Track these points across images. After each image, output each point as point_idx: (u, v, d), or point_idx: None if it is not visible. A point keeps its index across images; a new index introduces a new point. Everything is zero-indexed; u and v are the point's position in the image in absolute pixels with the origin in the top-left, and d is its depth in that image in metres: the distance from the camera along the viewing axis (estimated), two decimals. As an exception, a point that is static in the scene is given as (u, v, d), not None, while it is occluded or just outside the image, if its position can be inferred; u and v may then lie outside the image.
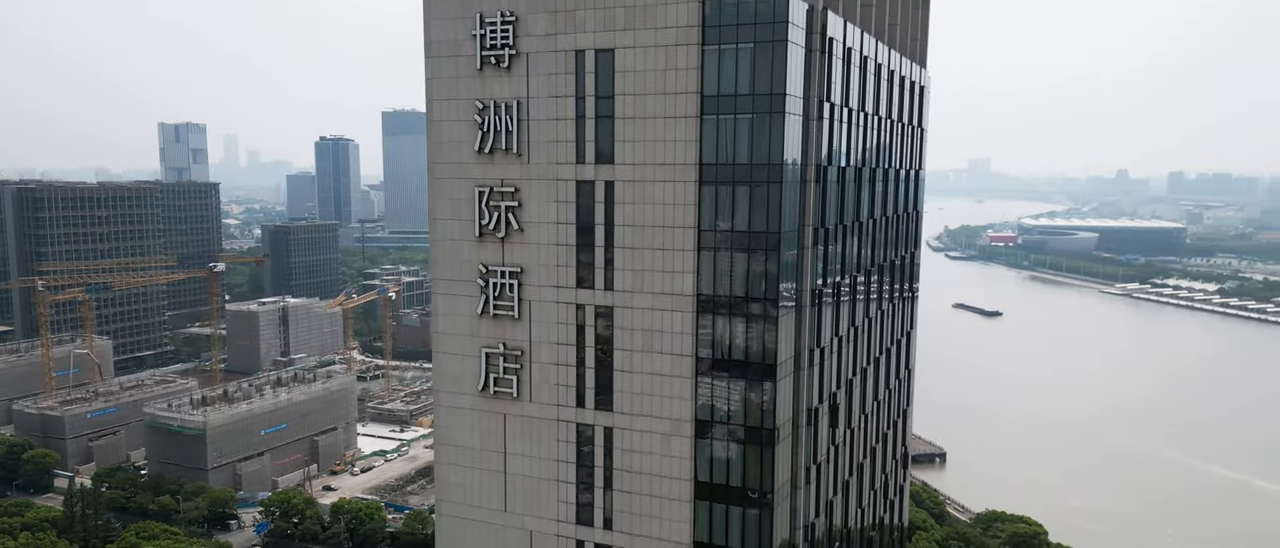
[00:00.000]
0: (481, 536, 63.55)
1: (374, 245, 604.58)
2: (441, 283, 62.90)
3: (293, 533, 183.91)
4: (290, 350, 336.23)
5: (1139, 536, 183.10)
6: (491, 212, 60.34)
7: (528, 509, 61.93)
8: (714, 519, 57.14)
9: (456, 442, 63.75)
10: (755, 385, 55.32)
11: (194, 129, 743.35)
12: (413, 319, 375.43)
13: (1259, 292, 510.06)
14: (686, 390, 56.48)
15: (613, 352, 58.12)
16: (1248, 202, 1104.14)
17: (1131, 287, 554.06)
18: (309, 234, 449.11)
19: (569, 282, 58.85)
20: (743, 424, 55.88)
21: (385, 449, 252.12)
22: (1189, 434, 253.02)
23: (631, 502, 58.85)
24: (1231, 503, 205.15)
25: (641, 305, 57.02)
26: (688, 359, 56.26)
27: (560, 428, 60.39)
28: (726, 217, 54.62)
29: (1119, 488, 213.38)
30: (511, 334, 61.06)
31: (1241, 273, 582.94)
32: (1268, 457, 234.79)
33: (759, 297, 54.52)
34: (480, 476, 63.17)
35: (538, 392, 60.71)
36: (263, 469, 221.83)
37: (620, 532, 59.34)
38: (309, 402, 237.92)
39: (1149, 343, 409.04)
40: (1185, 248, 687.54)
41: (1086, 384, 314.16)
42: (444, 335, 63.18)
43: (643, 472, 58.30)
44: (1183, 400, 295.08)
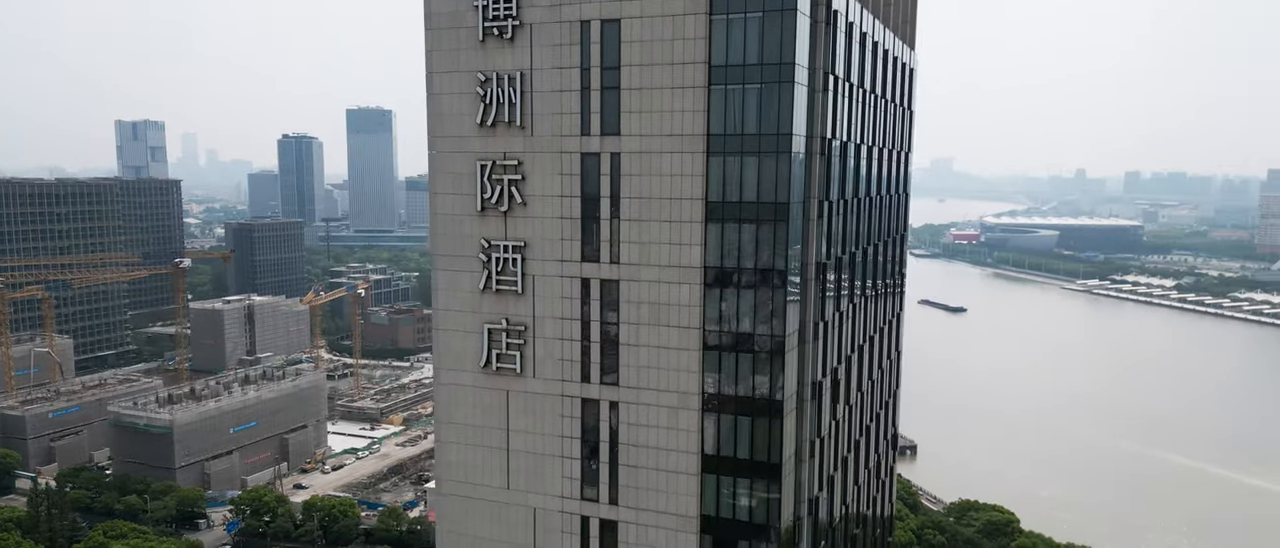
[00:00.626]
0: (483, 514, 62.80)
1: (339, 244, 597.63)
2: (442, 259, 62.03)
3: (264, 531, 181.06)
4: (256, 349, 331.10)
5: (1106, 524, 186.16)
6: (494, 185, 59.65)
7: (531, 486, 61.30)
8: (721, 492, 56.95)
9: (457, 420, 62.97)
10: (763, 358, 55.23)
11: (152, 126, 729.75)
12: (381, 317, 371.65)
13: (1215, 288, 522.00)
14: (694, 363, 56.24)
15: (619, 326, 57.70)
16: (1202, 201, 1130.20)
17: (1092, 283, 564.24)
18: (274, 232, 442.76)
19: (574, 256, 58.35)
20: (751, 396, 55.74)
21: (356, 447, 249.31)
22: (1150, 426, 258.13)
23: (638, 476, 58.49)
24: (1190, 490, 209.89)
25: (648, 279, 56.67)
26: (695, 332, 56.01)
27: (565, 404, 59.84)
28: (734, 188, 54.47)
29: (1085, 478, 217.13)
30: (514, 310, 60.39)
31: (1198, 269, 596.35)
32: (1223, 446, 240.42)
33: (768, 268, 54.43)
34: (482, 453, 62.43)
35: (542, 367, 60.12)
36: (232, 468, 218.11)
37: (626, 506, 58.93)
38: (279, 399, 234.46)
39: (1110, 338, 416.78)
40: (1142, 245, 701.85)
41: (1051, 378, 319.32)
42: (444, 312, 62.35)
43: (649, 446, 57.94)
44: (1143, 393, 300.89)
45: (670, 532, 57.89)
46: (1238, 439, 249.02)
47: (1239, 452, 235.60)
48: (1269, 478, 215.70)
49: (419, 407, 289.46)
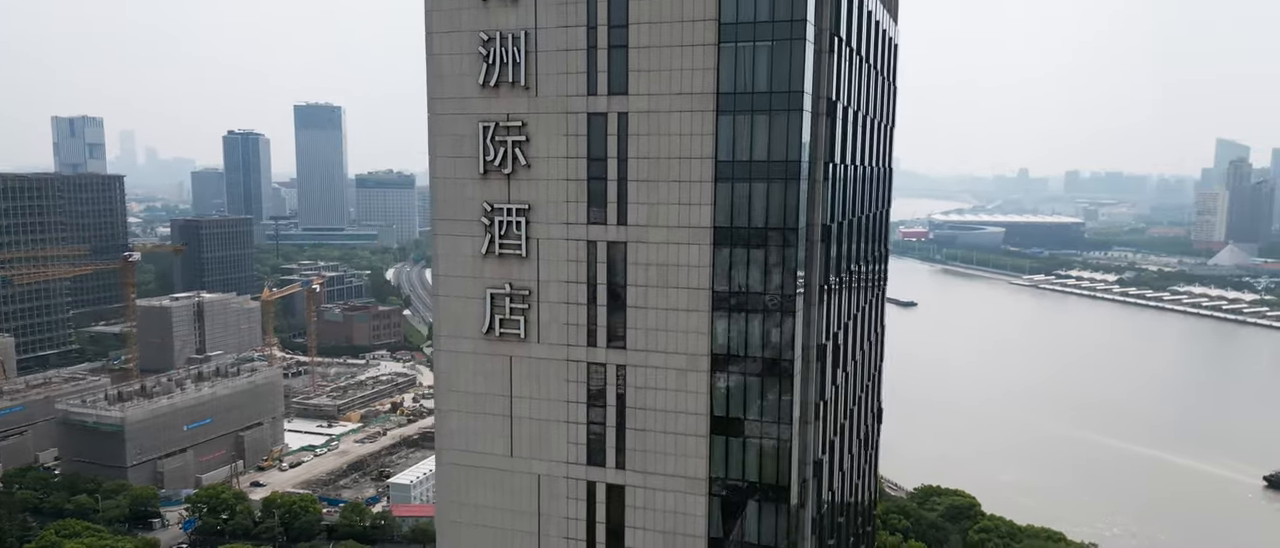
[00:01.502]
0: (486, 482, 61.78)
1: (288, 243, 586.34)
2: (442, 223, 60.86)
3: (222, 529, 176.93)
4: (206, 348, 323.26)
5: (1062, 507, 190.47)
6: (496, 147, 58.73)
7: (536, 453, 60.45)
8: (730, 454, 56.75)
9: (458, 387, 61.84)
10: (773, 318, 55.15)
11: (90, 123, 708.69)
12: (335, 314, 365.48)
13: (1155, 281, 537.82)
14: (703, 325, 55.96)
15: (626, 288, 57.18)
16: (1139, 199, 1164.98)
17: (1037, 278, 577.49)
18: (222, 229, 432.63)
19: (580, 218, 57.67)
20: (760, 357, 55.62)
21: (314, 444, 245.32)
22: (1099, 414, 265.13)
23: (645, 440, 58.03)
24: (1138, 474, 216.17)
25: (656, 240, 56.25)
26: (704, 293, 55.74)
27: (570, 368, 59.13)
28: (744, 148, 54.31)
29: (1041, 464, 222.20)
30: (518, 274, 59.51)
31: (1137, 265, 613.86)
32: (1167, 432, 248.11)
33: (778, 228, 54.36)
34: (484, 421, 61.40)
35: (546, 332, 59.34)
36: (186, 466, 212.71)
37: (633, 470, 58.44)
38: (234, 396, 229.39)
39: (1058, 330, 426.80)
40: (1084, 242, 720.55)
41: (1003, 369, 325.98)
42: (445, 278, 61.18)
43: (657, 409, 57.52)
44: (1092, 383, 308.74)
45: (679, 494, 57.55)
46: (1180, 425, 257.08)
47: (1181, 437, 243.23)
48: (1210, 461, 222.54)
49: (377, 404, 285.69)
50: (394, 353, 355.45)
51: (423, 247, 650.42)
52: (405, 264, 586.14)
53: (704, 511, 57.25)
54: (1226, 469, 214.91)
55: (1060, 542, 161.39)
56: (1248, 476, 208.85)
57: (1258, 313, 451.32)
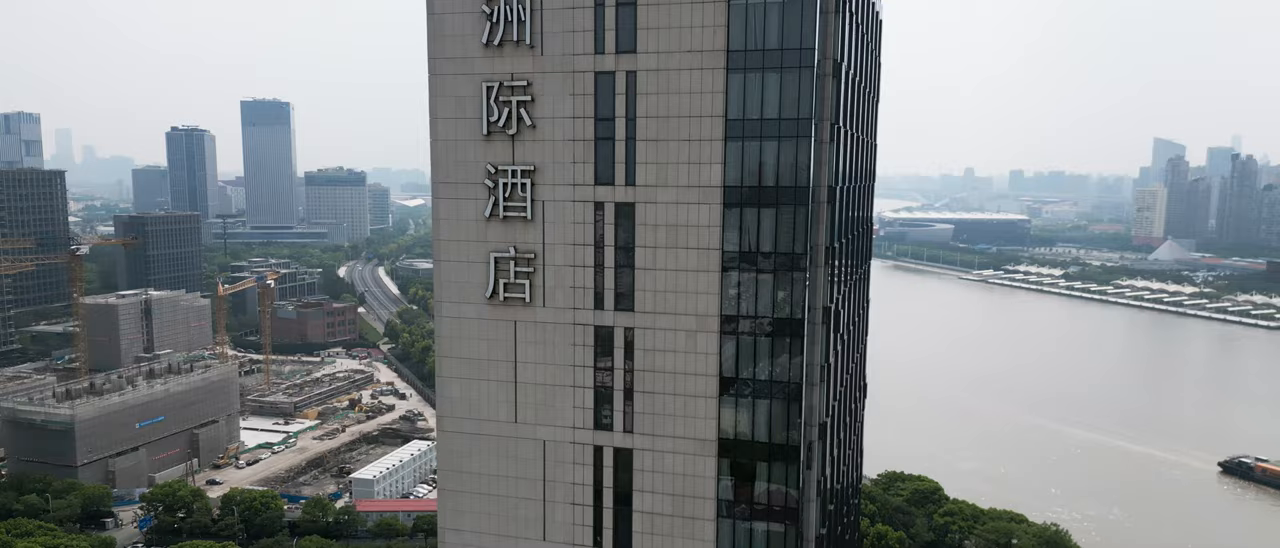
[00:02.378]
0: (489, 449, 60.70)
1: (236, 241, 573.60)
2: (443, 186, 59.66)
3: (180, 527, 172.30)
4: (154, 346, 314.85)
5: (1020, 493, 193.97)
6: (500, 108, 57.72)
7: (541, 418, 59.55)
8: (739, 415, 56.51)
9: (460, 354, 60.68)
10: (784, 277, 55.01)
11: (26, 119, 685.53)
12: (289, 311, 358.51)
13: (1098, 275, 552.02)
14: (713, 285, 55.62)
15: (634, 249, 56.60)
16: (1080, 197, 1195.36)
17: (987, 273, 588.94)
18: (168, 226, 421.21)
19: (587, 179, 56.95)
20: (771, 316, 55.45)
21: (271, 442, 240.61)
22: (1052, 402, 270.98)
23: (654, 402, 57.50)
24: (1091, 459, 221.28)
25: (665, 200, 55.77)
26: (715, 253, 55.39)
27: (577, 332, 58.36)
28: (755, 106, 54.07)
29: (999, 452, 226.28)
30: (523, 237, 58.57)
31: (1081, 259, 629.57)
32: (1116, 419, 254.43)
33: (789, 186, 54.24)
34: (487, 387, 60.32)
35: (552, 296, 58.48)
36: (139, 465, 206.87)
37: (642, 434, 57.87)
38: (188, 393, 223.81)
39: (1009, 323, 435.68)
40: (1030, 238, 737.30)
41: (958, 360, 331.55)
42: (446, 242, 59.96)
43: (666, 371, 57.06)
44: (1044, 373, 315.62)
45: (688, 457, 57.14)
46: (1134, 414, 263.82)
47: (1136, 426, 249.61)
48: (1166, 448, 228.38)
49: (335, 400, 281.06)
50: (350, 350, 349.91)
51: (375, 245, 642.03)
52: (357, 263, 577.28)
53: (714, 472, 56.92)
54: (1182, 456, 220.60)
55: (1022, 523, 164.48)
56: (1203, 462, 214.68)
57: (1197, 305, 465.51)
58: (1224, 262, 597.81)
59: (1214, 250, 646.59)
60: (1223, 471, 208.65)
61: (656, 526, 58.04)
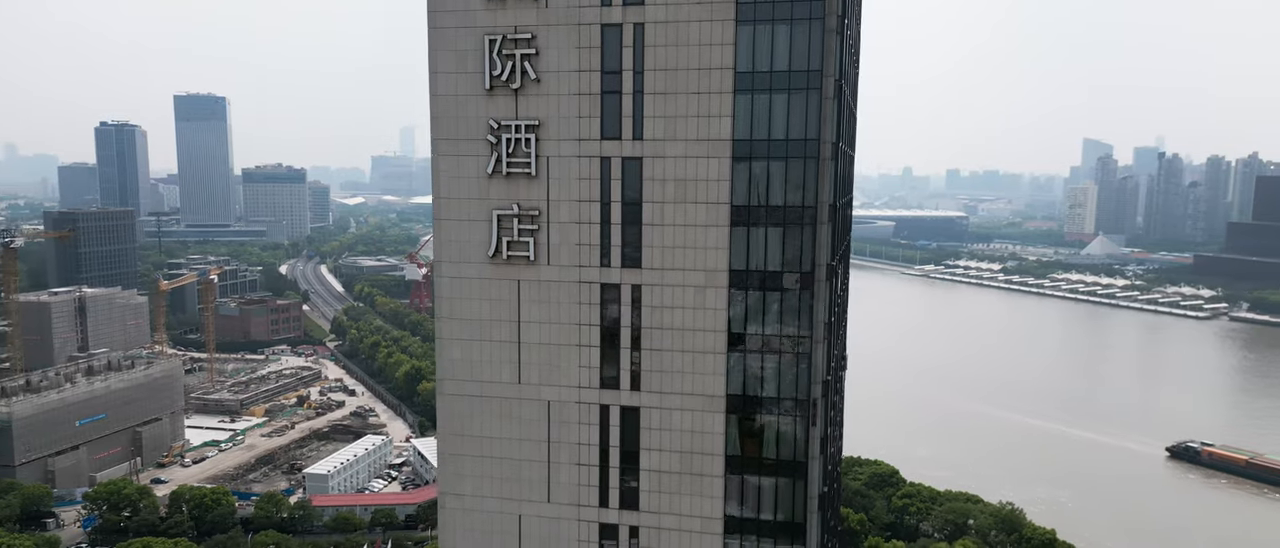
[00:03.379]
0: (491, 411, 59.51)
1: (171, 239, 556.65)
2: (444, 143, 58.32)
3: (126, 526, 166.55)
4: (89, 345, 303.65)
5: (976, 479, 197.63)
6: (503, 62, 56.64)
7: (546, 378, 58.59)
8: (748, 369, 56.30)
9: (461, 315, 59.37)
10: (794, 231, 54.97)
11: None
12: (231, 308, 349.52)
13: (1035, 269, 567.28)
14: (722, 239, 55.31)
15: (642, 205, 56.02)
16: (1014, 195, 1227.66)
17: (928, 268, 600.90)
18: (101, 222, 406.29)
19: (593, 133, 56.19)
20: (781, 271, 55.36)
21: (217, 440, 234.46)
22: (1002, 391, 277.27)
23: (662, 360, 57.00)
24: (1036, 444, 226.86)
25: (674, 154, 55.31)
26: (723, 208, 55.10)
27: (583, 290, 57.54)
28: (765, 57, 53.94)
29: (951, 440, 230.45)
30: (527, 194, 57.56)
31: (1017, 254, 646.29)
32: (1056, 405, 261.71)
33: (799, 138, 54.23)
34: (489, 348, 59.15)
35: (557, 253, 57.57)
36: (79, 464, 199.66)
37: (649, 391, 57.32)
38: (129, 390, 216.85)
39: (952, 315, 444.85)
40: (968, 234, 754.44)
41: (904, 350, 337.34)
42: (446, 201, 58.63)
43: (674, 327, 56.58)
44: (991, 363, 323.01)
45: (696, 413, 56.77)
46: (1080, 401, 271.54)
47: (1082, 412, 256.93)
48: (1114, 434, 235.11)
49: (282, 398, 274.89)
50: (295, 348, 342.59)
51: (316, 243, 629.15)
52: (298, 261, 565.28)
53: (722, 428, 56.65)
54: (1130, 442, 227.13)
55: (978, 503, 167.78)
56: (1151, 447, 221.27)
57: (1130, 297, 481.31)
58: (1152, 256, 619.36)
59: (1142, 245, 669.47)
60: (1170, 455, 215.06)
61: (664, 483, 57.56)
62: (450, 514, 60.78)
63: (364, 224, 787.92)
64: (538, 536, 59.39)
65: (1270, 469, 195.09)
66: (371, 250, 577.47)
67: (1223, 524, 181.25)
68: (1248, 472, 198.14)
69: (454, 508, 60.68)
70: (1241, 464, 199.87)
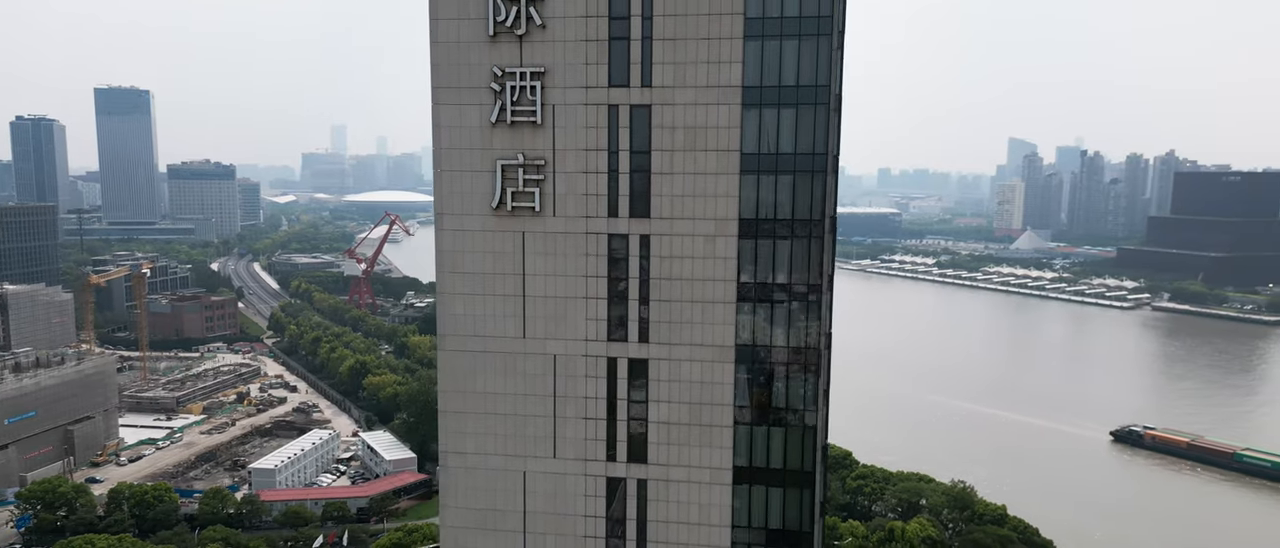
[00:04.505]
0: (495, 367, 58.20)
1: (93, 237, 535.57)
2: (444, 92, 56.82)
3: (62, 525, 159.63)
4: (11, 344, 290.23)
5: (924, 463, 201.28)
6: (508, 7, 55.42)
7: (551, 332, 57.52)
8: (758, 319, 56.11)
9: (463, 268, 57.93)
10: (805, 178, 54.94)
11: None
12: (162, 305, 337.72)
13: (968, 263, 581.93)
14: (733, 187, 55.01)
15: (651, 153, 55.39)
16: (944, 193, 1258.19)
17: (865, 263, 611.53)
18: (19, 218, 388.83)
19: (600, 81, 55.35)
20: (791, 218, 55.28)
21: (154, 438, 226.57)
22: (946, 379, 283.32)
23: (671, 310, 56.44)
24: (991, 432, 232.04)
25: (684, 101, 54.80)
26: (734, 155, 54.80)
27: (589, 241, 56.63)
28: (775, 1, 53.71)
29: (898, 426, 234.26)
30: (532, 143, 56.43)
31: (949, 249, 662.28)
32: (993, 391, 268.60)
33: (810, 84, 54.21)
34: (493, 302, 57.83)
35: (563, 204, 56.56)
36: (9, 463, 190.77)
37: (658, 343, 56.71)
38: (60, 387, 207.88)
39: (889, 307, 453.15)
40: (902, 230, 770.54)
41: (848, 340, 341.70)
42: (448, 151, 57.13)
43: (684, 278, 56.07)
44: (932, 352, 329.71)
45: (705, 363, 56.36)
46: (1006, 386, 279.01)
47: (1010, 396, 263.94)
48: (1059, 420, 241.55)
49: (221, 395, 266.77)
50: (231, 345, 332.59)
51: (247, 241, 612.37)
52: (230, 259, 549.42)
53: (731, 378, 56.35)
54: (1075, 427, 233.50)
55: (930, 483, 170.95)
56: (1095, 432, 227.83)
57: (1058, 288, 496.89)
58: (1077, 250, 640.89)
59: (1067, 240, 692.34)
60: (1114, 439, 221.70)
61: (673, 435, 57.05)
62: (452, 473, 59.28)
63: (296, 222, 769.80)
64: (543, 492, 58.33)
65: (1210, 451, 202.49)
66: (306, 248, 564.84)
67: (1166, 502, 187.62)
68: (1189, 453, 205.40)
69: (456, 467, 59.22)
70: (1183, 446, 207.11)
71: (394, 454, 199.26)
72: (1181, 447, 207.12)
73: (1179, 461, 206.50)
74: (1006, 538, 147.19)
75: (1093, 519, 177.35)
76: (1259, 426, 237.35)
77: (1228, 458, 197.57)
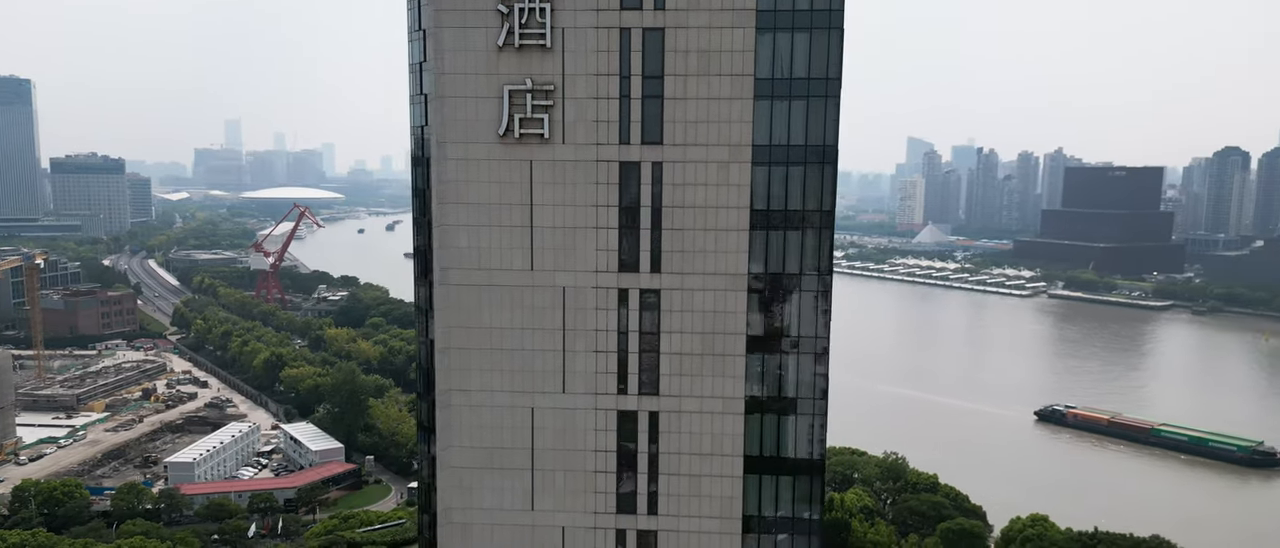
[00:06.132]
0: (501, 300, 56.41)
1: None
2: (448, 14, 54.76)
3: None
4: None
5: (853, 441, 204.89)
6: (516, -73, 53.90)
7: (559, 264, 56.12)
8: (770, 247, 55.98)
9: (467, 199, 55.95)
10: (818, 102, 55.05)
11: None
12: (55, 301, 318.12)
13: (875, 256, 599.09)
14: (745, 113, 54.74)
15: (664, 78, 54.60)
16: (846, 191, 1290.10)
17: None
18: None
19: (612, 3, 54.27)
20: (804, 143, 55.34)
21: (55, 436, 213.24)
22: (868, 365, 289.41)
23: (683, 240, 55.78)
24: (919, 415, 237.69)
25: (697, 25, 54.23)
26: (747, 80, 54.53)
27: (600, 169, 55.48)
28: (787, -74, 53.68)
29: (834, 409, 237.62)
30: (541, 68, 54.92)
31: (856, 243, 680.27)
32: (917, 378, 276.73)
33: (825, 9, 54.22)
34: (498, 234, 56.05)
35: (573, 131, 55.24)
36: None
37: (670, 273, 55.96)
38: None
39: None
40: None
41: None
42: (451, 76, 55.07)
43: (697, 205, 55.51)
44: (844, 338, 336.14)
45: (718, 292, 55.94)
46: (923, 369, 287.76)
47: (928, 380, 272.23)
48: (960, 398, 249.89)
49: (125, 392, 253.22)
50: (131, 342, 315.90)
51: (139, 238, 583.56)
52: (121, 256, 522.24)
53: (744, 307, 56.09)
54: (999, 408, 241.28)
55: (862, 455, 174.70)
56: (1019, 412, 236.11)
57: (961, 279, 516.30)
58: (976, 242, 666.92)
59: (965, 233, 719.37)
60: (1038, 418, 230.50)
61: (685, 365, 56.43)
62: (456, 412, 57.23)
63: (191, 220, 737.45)
64: (552, 428, 56.90)
65: (1129, 427, 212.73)
66: (205, 245, 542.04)
67: (1089, 475, 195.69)
68: (1110, 430, 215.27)
69: (460, 405, 57.18)
70: (1104, 423, 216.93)
71: (320, 445, 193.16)
72: (1103, 424, 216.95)
73: (1101, 437, 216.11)
74: (939, 504, 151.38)
75: (1020, 492, 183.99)
76: (1149, 400, 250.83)
77: (1146, 433, 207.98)
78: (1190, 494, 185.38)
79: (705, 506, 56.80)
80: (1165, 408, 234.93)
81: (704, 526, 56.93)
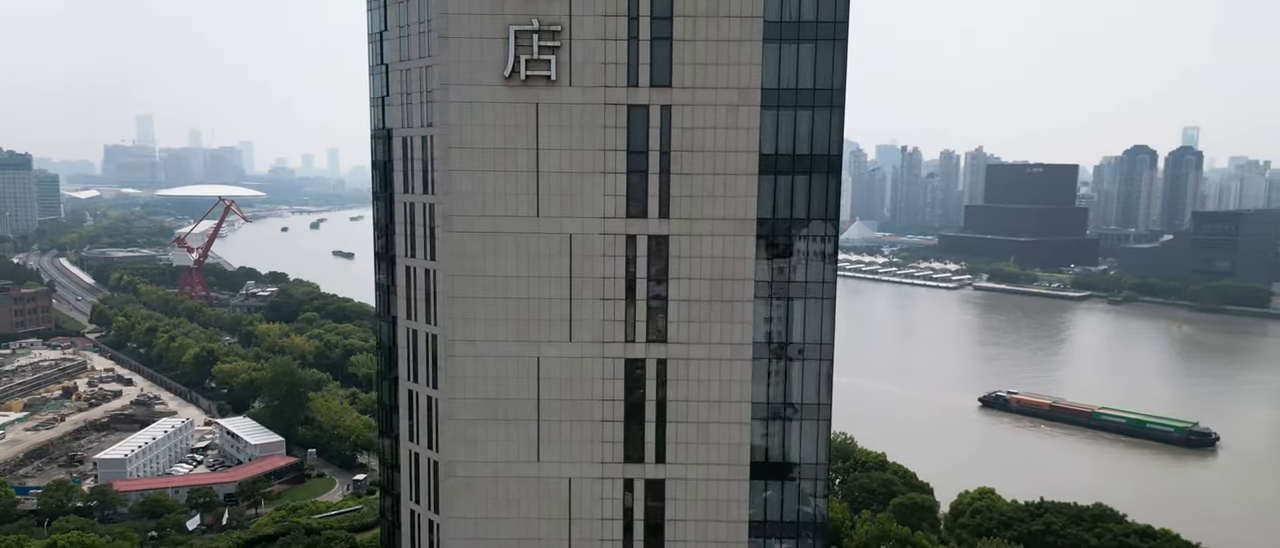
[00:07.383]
0: (505, 248, 55.00)
1: None
2: (452, -49, 53.23)
3: None
4: None
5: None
6: None
7: (567, 210, 55.00)
8: (779, 191, 55.86)
9: (471, 143, 54.41)
10: (826, 45, 55.12)
11: None
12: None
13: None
14: (754, 55, 54.44)
15: (672, 19, 53.98)
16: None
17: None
18: None
19: (620, -57, 53.49)
20: (812, 87, 55.35)
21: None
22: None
23: (691, 184, 55.25)
24: (866, 403, 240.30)
25: (706, -34, 53.79)
26: (757, 21, 54.26)
27: (608, 112, 54.54)
28: None
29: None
30: (547, 7, 53.74)
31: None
32: (869, 367, 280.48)
33: (831, -47, 54.40)
34: (504, 179, 54.65)
35: (580, 73, 54.20)
36: None
37: (679, 218, 55.37)
38: None
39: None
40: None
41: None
42: (455, 16, 53.47)
43: (705, 149, 55.03)
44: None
45: (727, 238, 55.56)
46: (857, 359, 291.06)
47: (861, 368, 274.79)
48: (900, 385, 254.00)
49: (43, 390, 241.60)
50: (47, 341, 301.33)
51: (48, 236, 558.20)
52: (30, 255, 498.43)
53: (752, 252, 55.86)
54: (942, 394, 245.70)
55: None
56: (964, 399, 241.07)
57: (889, 272, 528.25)
58: (901, 238, 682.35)
59: (892, 229, 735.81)
60: (983, 404, 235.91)
61: (694, 312, 55.92)
62: (459, 362, 55.63)
63: (103, 218, 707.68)
64: (559, 377, 55.76)
65: (1070, 411, 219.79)
66: (120, 243, 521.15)
67: (1031, 456, 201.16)
68: (1052, 414, 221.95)
69: (464, 355, 55.60)
70: (1046, 408, 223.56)
71: (259, 439, 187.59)
72: (1044, 408, 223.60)
73: (1043, 421, 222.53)
74: (889, 481, 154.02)
75: (966, 471, 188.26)
76: (1076, 384, 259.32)
77: (1087, 416, 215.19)
78: (1129, 471, 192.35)
79: (713, 453, 56.39)
80: (1095, 392, 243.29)
81: (712, 473, 56.52)
